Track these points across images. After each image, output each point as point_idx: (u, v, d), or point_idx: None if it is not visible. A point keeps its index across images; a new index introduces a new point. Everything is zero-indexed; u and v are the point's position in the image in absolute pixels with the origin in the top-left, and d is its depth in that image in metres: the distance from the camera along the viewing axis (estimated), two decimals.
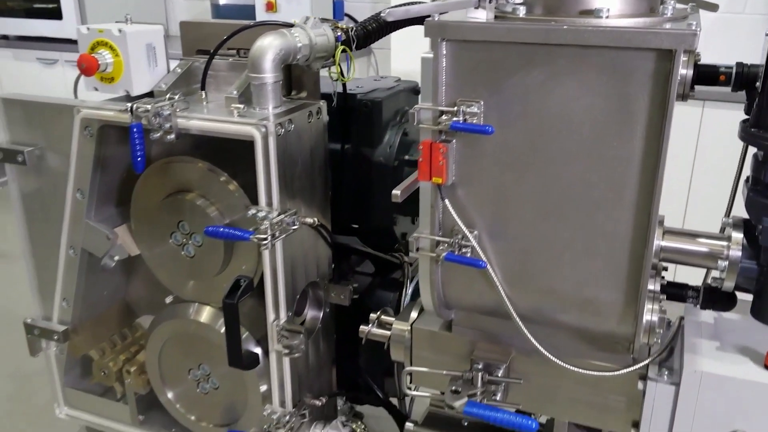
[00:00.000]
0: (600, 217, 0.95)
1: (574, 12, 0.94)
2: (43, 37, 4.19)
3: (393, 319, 1.29)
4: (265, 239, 1.16)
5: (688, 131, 2.74)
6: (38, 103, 1.38)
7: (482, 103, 0.94)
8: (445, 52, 0.94)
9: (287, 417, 1.34)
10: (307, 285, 1.38)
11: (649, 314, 1.01)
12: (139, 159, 1.18)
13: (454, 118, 0.93)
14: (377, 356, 1.51)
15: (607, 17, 0.90)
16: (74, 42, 4.14)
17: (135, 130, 1.17)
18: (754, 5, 2.94)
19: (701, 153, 2.77)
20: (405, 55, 2.91)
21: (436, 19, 0.93)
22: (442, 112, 0.95)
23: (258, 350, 1.36)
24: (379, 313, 1.33)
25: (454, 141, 0.98)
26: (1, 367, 2.74)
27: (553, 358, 1.04)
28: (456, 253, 1.00)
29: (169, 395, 1.50)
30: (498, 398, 1.13)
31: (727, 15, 3.01)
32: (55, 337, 1.53)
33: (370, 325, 1.31)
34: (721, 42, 2.71)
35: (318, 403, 1.44)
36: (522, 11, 0.96)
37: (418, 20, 1.33)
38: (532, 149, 0.95)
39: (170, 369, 1.48)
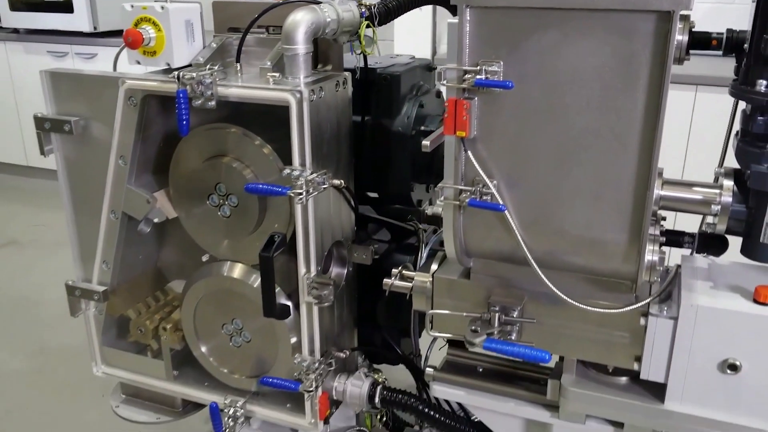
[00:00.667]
0: (607, 165, 1.07)
1: None
2: (54, 30, 4.29)
3: (414, 273, 1.41)
4: (301, 194, 1.28)
5: (682, 114, 2.87)
6: (84, 76, 1.50)
7: (502, 63, 1.06)
8: (468, 17, 1.05)
9: (316, 365, 1.46)
10: (333, 244, 1.49)
11: (650, 254, 1.13)
12: (184, 123, 1.29)
13: (477, 76, 1.05)
14: (394, 317, 1.64)
15: None
16: (85, 35, 4.26)
17: (181, 96, 1.28)
18: None
19: (694, 136, 2.90)
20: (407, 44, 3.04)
21: None
22: (465, 72, 1.07)
23: (289, 303, 1.47)
24: (400, 268, 1.45)
25: (476, 98, 1.09)
26: (25, 346, 2.85)
27: (565, 297, 1.16)
28: (478, 200, 1.12)
29: (203, 349, 1.61)
30: (513, 337, 1.24)
31: (720, 5, 3.14)
32: (95, 297, 1.64)
33: (392, 278, 1.43)
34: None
35: (342, 355, 1.55)
36: None
37: None
38: (546, 104, 1.07)
39: (205, 325, 1.59)
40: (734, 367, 1.13)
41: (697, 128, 2.88)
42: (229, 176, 1.42)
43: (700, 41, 1.10)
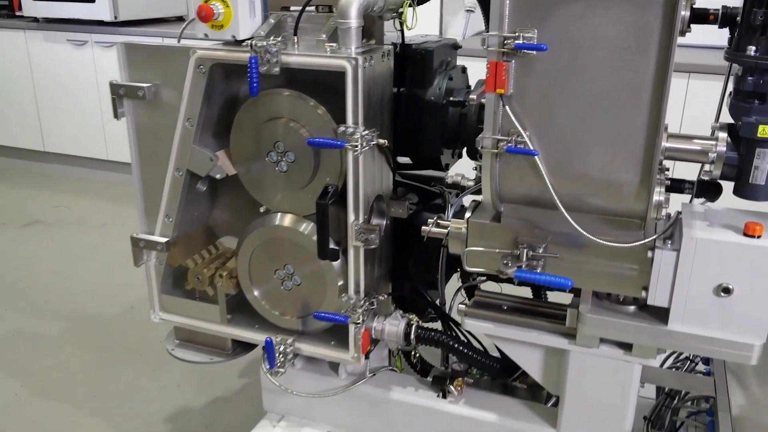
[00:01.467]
0: (623, 117, 1.28)
1: None
2: (74, 19, 4.45)
3: (449, 221, 1.61)
4: (356, 146, 1.48)
5: (676, 100, 3.09)
6: (157, 47, 1.69)
7: (536, 30, 1.26)
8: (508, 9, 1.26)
9: (362, 302, 1.66)
10: (375, 198, 1.69)
11: (657, 195, 1.34)
12: (255, 85, 1.49)
13: (516, 41, 1.25)
14: (424, 269, 1.84)
15: None
16: (106, 24, 4.44)
17: (253, 61, 1.48)
18: None
19: (687, 120, 3.12)
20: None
21: None
22: (505, 38, 1.27)
23: (338, 248, 1.67)
24: (436, 217, 1.65)
25: (513, 61, 1.30)
26: (62, 314, 3.03)
27: (585, 233, 1.36)
28: (514, 146, 1.33)
29: (256, 293, 1.81)
30: (538, 271, 1.45)
31: None
32: (158, 248, 1.83)
33: (430, 226, 1.64)
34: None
35: (381, 297, 1.75)
36: None
37: None
38: (572, 65, 1.27)
39: (259, 271, 1.78)
40: (727, 291, 1.34)
41: (690, 113, 3.11)
42: (287, 135, 1.62)
43: (700, 15, 1.31)
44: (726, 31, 1.34)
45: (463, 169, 1.95)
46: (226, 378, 2.55)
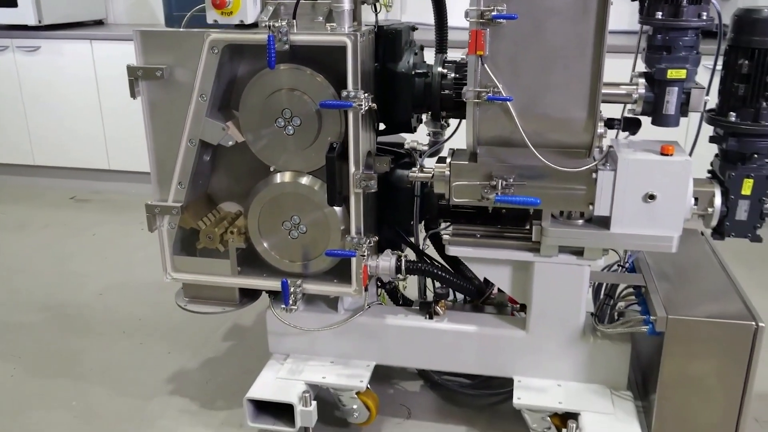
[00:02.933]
0: (573, 69, 1.69)
1: None
2: None
3: (433, 166, 1.97)
4: (361, 105, 1.81)
5: None
6: (172, 32, 1.94)
7: (505, 5, 1.65)
8: None
9: (363, 240, 1.99)
10: (366, 154, 2.03)
11: (599, 128, 1.77)
12: (272, 59, 1.79)
13: (493, 13, 1.64)
14: (400, 217, 2.19)
15: None
16: (29, 28, 4.49)
17: (271, 39, 1.78)
18: None
19: None
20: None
21: None
22: (483, 11, 1.65)
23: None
24: (419, 165, 2.01)
25: (488, 29, 1.68)
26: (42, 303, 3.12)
27: (546, 162, 1.77)
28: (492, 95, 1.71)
29: (266, 245, 2.09)
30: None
31: None
32: (173, 212, 2.08)
33: (416, 171, 1.99)
34: None
35: (375, 238, 2.09)
36: None
37: None
38: (533, 30, 1.67)
39: (268, 223, 2.06)
40: (652, 197, 1.79)
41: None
42: (293, 102, 1.92)
43: None
44: (632, 17, 1.79)
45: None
46: (214, 342, 2.78)
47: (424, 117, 2.26)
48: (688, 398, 1.85)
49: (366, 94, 1.86)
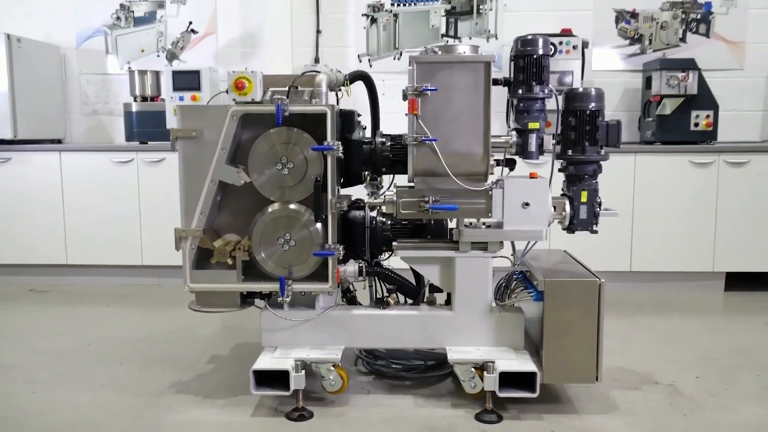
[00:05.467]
0: (473, 123, 2.73)
1: (455, 50, 2.76)
2: None
3: (382, 196, 2.91)
4: (338, 150, 2.75)
5: (626, 175, 4.79)
6: (204, 106, 2.83)
7: (429, 84, 2.69)
8: (415, 68, 2.69)
9: (337, 246, 2.84)
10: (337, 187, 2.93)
11: (491, 161, 2.79)
12: (280, 122, 2.71)
13: (422, 88, 2.67)
14: (357, 242, 3.07)
15: (464, 52, 2.73)
16: (5, 142, 5.24)
17: (278, 107, 2.71)
18: None
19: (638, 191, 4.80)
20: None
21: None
22: (416, 87, 2.69)
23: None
24: (372, 197, 2.94)
25: (419, 98, 2.71)
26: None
27: (461, 184, 2.75)
28: (424, 137, 2.71)
29: (263, 255, 2.88)
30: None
31: None
32: (196, 234, 2.85)
33: (373, 198, 2.92)
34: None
35: (343, 249, 2.94)
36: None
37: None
38: (447, 98, 2.72)
39: (267, 239, 2.87)
40: (527, 204, 2.80)
41: (641, 184, 4.82)
42: (288, 151, 2.82)
43: (496, 80, 2.84)
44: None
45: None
46: (199, 367, 3.41)
47: (367, 175, 3.21)
48: (563, 339, 2.76)
49: (338, 144, 2.81)
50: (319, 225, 2.85)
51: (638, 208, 4.83)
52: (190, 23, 5.57)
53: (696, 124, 4.93)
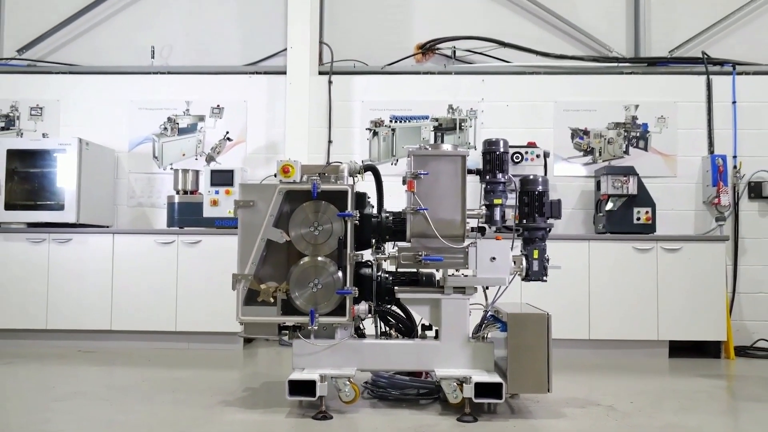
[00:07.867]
0: (453, 199, 3.80)
1: (441, 147, 3.88)
2: (42, 223, 6.11)
3: (386, 253, 3.92)
4: (355, 217, 3.80)
5: (581, 260, 5.84)
6: (260, 185, 3.90)
7: (422, 170, 3.79)
8: (413, 160, 3.80)
9: (353, 288, 3.81)
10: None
11: (468, 227, 3.83)
12: (315, 194, 3.77)
13: (418, 173, 3.76)
14: (364, 288, 4.05)
15: (448, 149, 3.85)
16: (69, 225, 6.36)
17: (314, 185, 3.78)
18: None
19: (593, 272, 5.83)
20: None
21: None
22: (413, 172, 3.78)
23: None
24: (379, 255, 3.96)
25: (415, 180, 3.79)
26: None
27: (446, 243, 3.78)
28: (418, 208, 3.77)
29: (297, 294, 3.84)
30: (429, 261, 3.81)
31: None
32: (249, 278, 3.83)
33: (380, 254, 3.93)
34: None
35: (356, 293, 3.91)
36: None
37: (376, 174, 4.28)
38: (435, 180, 3.80)
39: (300, 283, 3.84)
40: (494, 259, 3.82)
41: (595, 267, 5.85)
42: (318, 218, 3.86)
43: (470, 170, 3.94)
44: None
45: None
46: (239, 391, 4.26)
47: (374, 243, 4.24)
48: (523, 358, 3.68)
49: (356, 212, 3.86)
50: (340, 273, 3.84)
51: (593, 286, 5.84)
52: (227, 132, 6.78)
53: (638, 218, 6.05)
